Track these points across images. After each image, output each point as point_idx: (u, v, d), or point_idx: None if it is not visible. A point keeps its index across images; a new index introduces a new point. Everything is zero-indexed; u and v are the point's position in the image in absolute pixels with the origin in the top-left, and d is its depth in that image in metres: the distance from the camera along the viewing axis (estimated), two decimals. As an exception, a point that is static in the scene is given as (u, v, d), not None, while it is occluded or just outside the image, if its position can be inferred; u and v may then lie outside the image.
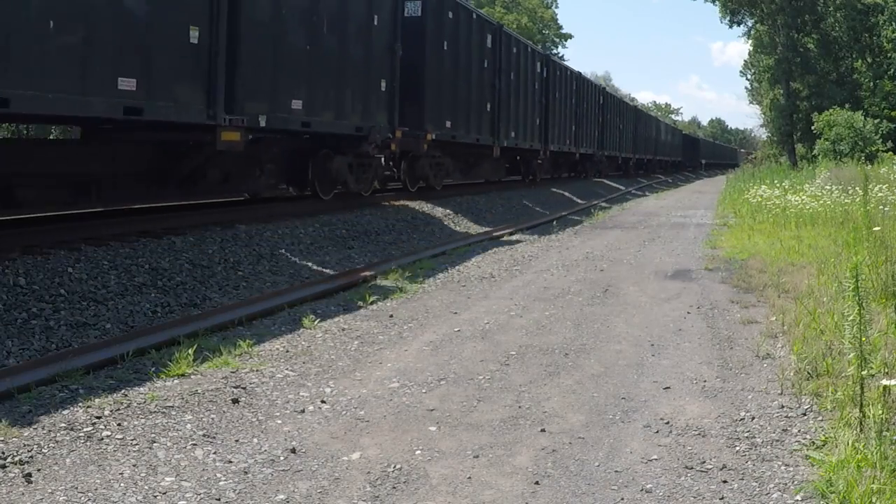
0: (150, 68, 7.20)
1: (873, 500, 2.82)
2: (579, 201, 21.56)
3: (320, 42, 10.18)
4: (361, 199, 12.86)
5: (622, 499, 3.01)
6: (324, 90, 10.41)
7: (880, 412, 3.40)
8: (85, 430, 3.56)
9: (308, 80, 9.98)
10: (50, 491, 2.98)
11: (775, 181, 19.74)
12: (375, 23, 11.62)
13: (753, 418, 3.82)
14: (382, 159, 13.04)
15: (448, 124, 15.05)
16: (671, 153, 51.00)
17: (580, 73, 27.47)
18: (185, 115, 7.80)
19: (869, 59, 39.97)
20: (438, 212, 13.81)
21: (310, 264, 8.79)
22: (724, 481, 3.14)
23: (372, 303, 6.56)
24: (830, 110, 32.77)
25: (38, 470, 3.15)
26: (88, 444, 3.42)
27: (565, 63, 29.70)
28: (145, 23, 7.09)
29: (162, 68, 7.36)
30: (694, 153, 61.89)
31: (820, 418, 3.76)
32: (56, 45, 6.18)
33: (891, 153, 28.94)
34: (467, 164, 18.19)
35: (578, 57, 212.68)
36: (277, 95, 9.41)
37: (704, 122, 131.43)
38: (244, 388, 4.23)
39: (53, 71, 6.19)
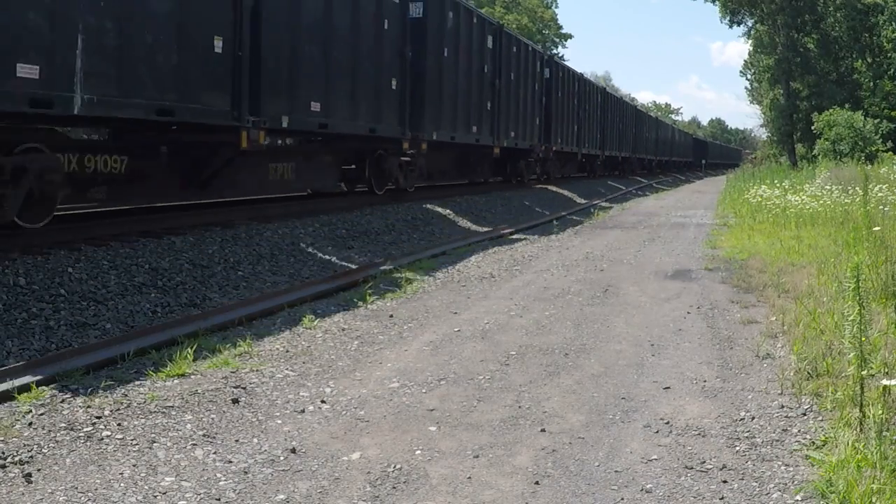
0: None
1: (873, 500, 2.82)
2: (581, 201, 21.74)
3: (338, 48, 10.66)
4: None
5: (622, 499, 3.01)
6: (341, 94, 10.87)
7: (880, 412, 3.40)
8: (85, 430, 3.56)
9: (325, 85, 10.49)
10: (50, 491, 2.98)
11: (775, 181, 19.73)
12: (386, 27, 12.04)
13: (753, 418, 3.82)
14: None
15: (447, 125, 15.17)
16: (684, 154, 59.02)
17: (606, 90, 32.80)
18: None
19: (869, 59, 39.95)
20: (438, 212, 13.82)
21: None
22: (724, 481, 3.14)
23: (372, 303, 6.56)
24: (830, 110, 32.75)
25: (38, 470, 3.15)
26: (88, 444, 3.42)
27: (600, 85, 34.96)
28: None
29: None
30: (703, 154, 69.34)
31: (820, 418, 3.76)
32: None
33: (891, 153, 28.92)
34: (468, 163, 18.39)
35: (578, 57, 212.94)
36: (297, 99, 9.82)
37: (704, 122, 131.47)
38: (244, 388, 4.23)
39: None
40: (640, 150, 40.86)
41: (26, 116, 6.64)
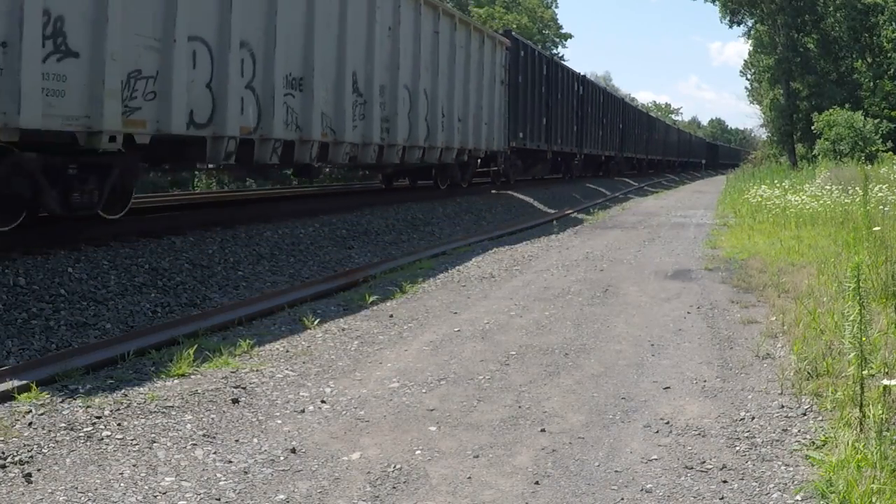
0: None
1: (873, 500, 2.82)
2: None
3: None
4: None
5: (622, 499, 3.01)
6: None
7: (880, 412, 3.40)
8: (85, 430, 3.56)
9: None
10: (50, 491, 2.98)
11: (775, 181, 19.73)
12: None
13: (753, 418, 3.82)
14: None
15: (521, 135, 19.48)
16: (699, 155, 69.28)
17: (637, 104, 41.12)
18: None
19: (869, 59, 39.94)
20: (439, 212, 13.82)
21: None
22: (724, 481, 3.14)
23: (372, 303, 6.56)
24: (830, 110, 32.72)
25: (38, 470, 3.15)
26: (88, 444, 3.42)
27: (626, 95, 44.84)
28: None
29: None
30: (715, 155, 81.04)
31: (820, 418, 3.76)
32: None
33: (891, 153, 28.91)
34: (533, 164, 22.54)
35: (578, 57, 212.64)
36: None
37: (704, 122, 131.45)
38: (244, 388, 4.23)
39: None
40: (670, 154, 51.32)
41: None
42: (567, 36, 60.27)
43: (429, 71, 13.46)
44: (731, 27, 45.67)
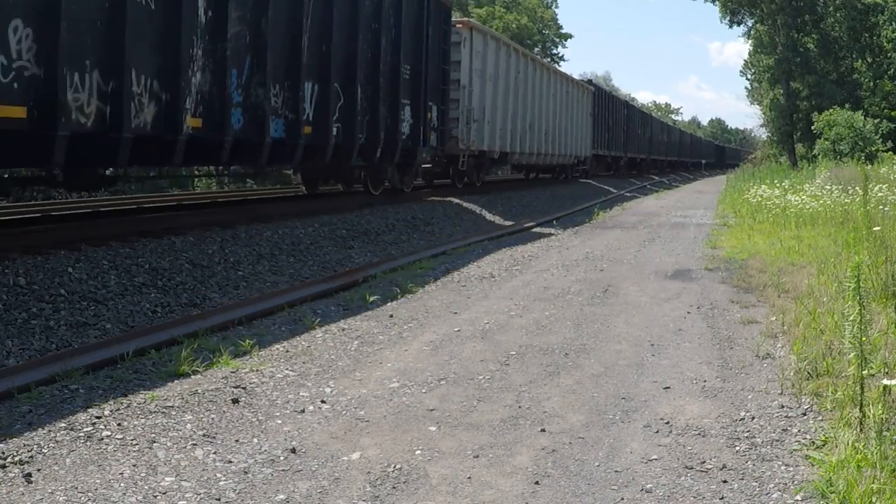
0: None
1: (873, 500, 2.82)
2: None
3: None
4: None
5: (622, 499, 3.01)
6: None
7: (880, 412, 3.40)
8: (85, 430, 3.56)
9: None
10: (50, 491, 2.98)
11: (775, 181, 19.73)
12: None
13: (753, 418, 3.82)
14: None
15: (597, 146, 30.98)
16: (709, 156, 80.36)
17: (665, 121, 51.11)
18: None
19: (869, 59, 39.91)
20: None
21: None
22: (724, 481, 3.14)
23: (372, 303, 6.56)
24: (830, 110, 32.72)
25: (38, 470, 3.15)
26: (88, 444, 3.42)
27: (656, 116, 54.06)
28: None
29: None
30: (723, 156, 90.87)
31: (820, 418, 3.76)
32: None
33: (891, 153, 28.90)
34: (604, 164, 34.54)
35: (578, 57, 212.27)
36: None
37: (704, 122, 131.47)
38: (244, 388, 4.23)
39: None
40: (685, 155, 62.46)
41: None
42: (567, 36, 60.35)
43: (557, 112, 24.98)
44: (731, 27, 45.68)
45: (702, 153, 75.16)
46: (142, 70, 7.07)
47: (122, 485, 3.04)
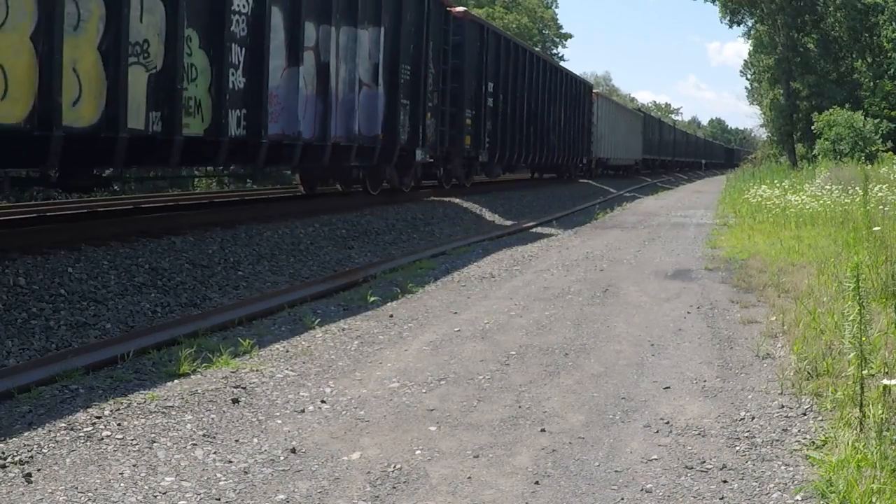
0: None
1: (873, 500, 2.82)
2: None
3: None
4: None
5: (622, 499, 3.01)
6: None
7: (880, 412, 3.40)
8: (85, 430, 3.56)
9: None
10: (50, 491, 2.98)
11: (775, 181, 19.73)
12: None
13: (753, 418, 3.82)
14: None
15: (644, 153, 41.13)
16: (718, 158, 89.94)
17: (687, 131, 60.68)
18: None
19: (869, 59, 39.88)
20: (439, 212, 13.84)
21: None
22: (724, 481, 3.14)
23: (372, 303, 6.56)
24: (830, 110, 32.70)
25: (38, 470, 3.15)
26: (88, 444, 3.42)
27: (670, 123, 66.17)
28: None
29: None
30: (731, 157, 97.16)
31: (820, 418, 3.76)
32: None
33: (891, 153, 28.89)
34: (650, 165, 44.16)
35: (578, 57, 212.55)
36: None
37: (704, 122, 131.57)
38: (244, 388, 4.23)
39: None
40: (699, 157, 72.70)
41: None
42: (567, 36, 60.43)
43: (619, 131, 34.96)
44: (730, 27, 45.68)
45: (713, 154, 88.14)
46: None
47: (122, 485, 3.04)
